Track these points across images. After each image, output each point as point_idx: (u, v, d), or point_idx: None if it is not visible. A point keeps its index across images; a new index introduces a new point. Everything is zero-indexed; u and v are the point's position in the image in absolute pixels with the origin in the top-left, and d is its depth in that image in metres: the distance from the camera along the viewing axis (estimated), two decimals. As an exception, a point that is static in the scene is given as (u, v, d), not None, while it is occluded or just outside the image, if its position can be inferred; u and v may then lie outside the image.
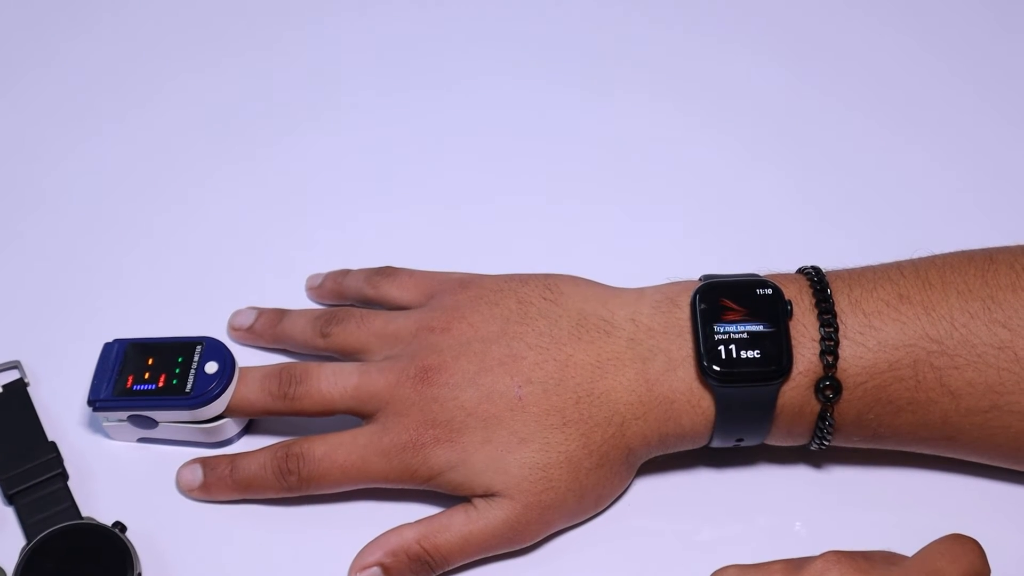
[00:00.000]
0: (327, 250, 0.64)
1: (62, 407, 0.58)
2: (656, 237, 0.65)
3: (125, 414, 0.55)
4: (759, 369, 0.49)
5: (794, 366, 0.50)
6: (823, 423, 0.50)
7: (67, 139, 0.70)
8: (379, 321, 0.55)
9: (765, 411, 0.50)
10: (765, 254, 0.57)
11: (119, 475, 0.56)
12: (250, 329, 0.59)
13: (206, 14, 0.77)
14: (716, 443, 0.52)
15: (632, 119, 0.71)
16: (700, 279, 0.53)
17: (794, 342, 0.50)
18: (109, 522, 0.52)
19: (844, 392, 0.50)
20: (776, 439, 0.52)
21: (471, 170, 0.68)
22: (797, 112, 0.71)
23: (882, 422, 0.50)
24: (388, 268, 0.60)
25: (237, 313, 0.60)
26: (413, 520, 0.52)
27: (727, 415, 0.50)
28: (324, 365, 0.54)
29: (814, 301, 0.51)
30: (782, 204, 0.66)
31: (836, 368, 0.49)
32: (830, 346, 0.49)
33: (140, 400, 0.54)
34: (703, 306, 0.51)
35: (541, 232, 0.65)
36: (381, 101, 0.72)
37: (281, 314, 0.59)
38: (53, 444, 0.55)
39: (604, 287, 0.55)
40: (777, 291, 0.51)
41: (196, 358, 0.55)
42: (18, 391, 0.57)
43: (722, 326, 0.50)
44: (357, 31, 0.76)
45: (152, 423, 0.55)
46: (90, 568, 0.51)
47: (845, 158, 0.68)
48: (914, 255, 0.53)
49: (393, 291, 0.58)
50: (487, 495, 0.51)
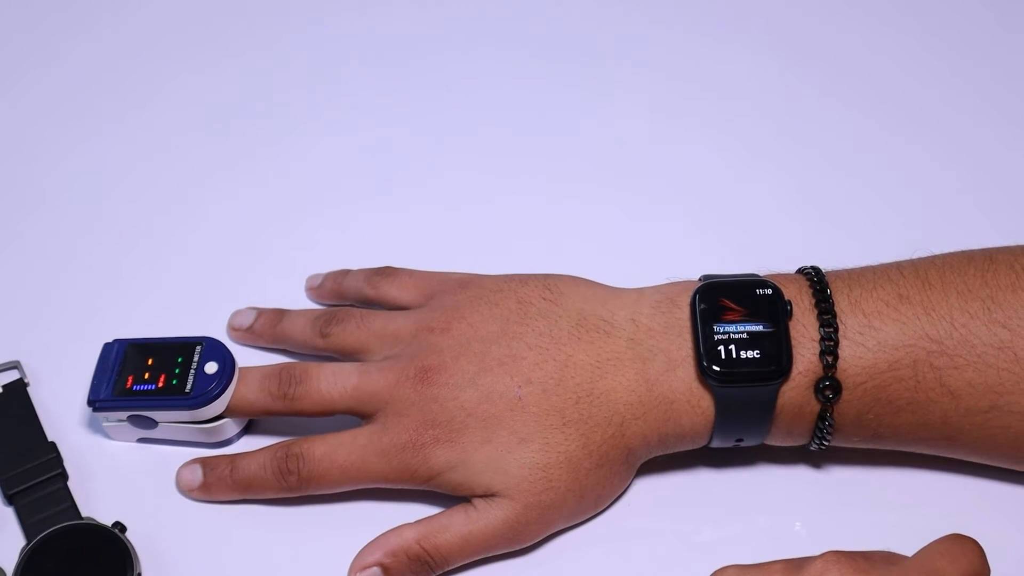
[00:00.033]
0: (327, 250, 0.64)
1: (62, 407, 0.58)
2: (656, 237, 0.65)
3: (125, 414, 0.55)
4: (759, 369, 0.49)
5: (794, 366, 0.50)
6: (823, 423, 0.50)
7: (67, 139, 0.70)
8: (379, 321, 0.55)
9: (765, 411, 0.50)
10: (765, 254, 0.57)
11: (119, 475, 0.56)
12: (250, 329, 0.59)
13: (206, 14, 0.77)
14: (716, 443, 0.52)
15: (632, 119, 0.71)
16: (700, 279, 0.53)
17: (794, 342, 0.50)
18: (109, 522, 0.52)
19: (844, 392, 0.50)
20: (776, 439, 0.52)
21: (471, 170, 0.68)
22: (797, 112, 0.71)
23: (882, 422, 0.50)
24: (388, 268, 0.60)
25: (237, 313, 0.60)
26: (413, 520, 0.52)
27: (727, 415, 0.50)
28: (324, 365, 0.54)
29: (814, 301, 0.51)
30: (782, 204, 0.66)
31: (836, 368, 0.49)
32: (830, 346, 0.49)
33: (140, 400, 0.54)
34: (703, 306, 0.51)
35: (541, 232, 0.65)
36: (381, 101, 0.72)
37: (281, 314, 0.59)
38: (53, 444, 0.55)
39: (604, 287, 0.55)
40: (777, 291, 0.51)
41: (196, 358, 0.55)
42: (18, 391, 0.57)
43: (722, 326, 0.50)
44: (357, 31, 0.76)
45: (152, 423, 0.55)
46: (90, 568, 0.51)
47: (845, 158, 0.68)
48: (914, 255, 0.53)
49: (393, 291, 0.58)
50: (487, 495, 0.51)
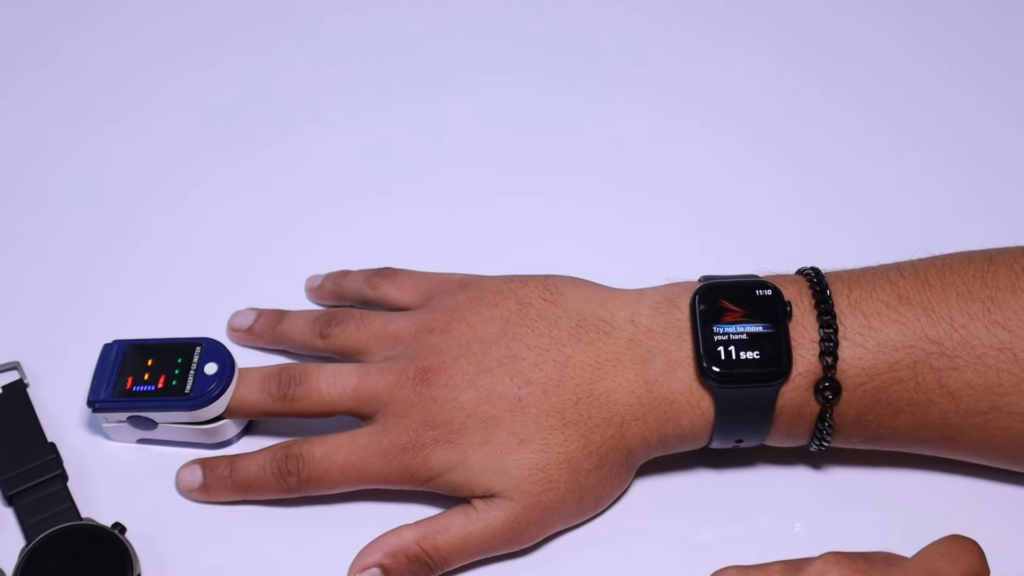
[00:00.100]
0: (327, 250, 0.64)
1: (62, 408, 0.58)
2: (656, 237, 0.65)
3: (125, 415, 0.55)
4: (758, 370, 0.49)
5: (793, 367, 0.50)
6: (822, 424, 0.50)
7: (67, 139, 0.70)
8: (378, 322, 0.55)
9: (764, 412, 0.50)
10: (765, 255, 0.57)
11: (119, 476, 0.56)
12: (249, 330, 0.59)
13: (206, 14, 0.77)
14: (716, 444, 0.52)
15: (632, 119, 0.71)
16: (699, 280, 0.53)
17: (793, 343, 0.50)
18: (109, 523, 0.52)
19: (843, 393, 0.49)
20: (775, 440, 0.52)
21: (471, 170, 0.68)
22: (797, 112, 0.71)
23: (881, 423, 0.50)
24: (387, 269, 0.60)
25: (236, 314, 0.60)
26: (413, 521, 0.52)
27: (726, 416, 0.50)
28: (324, 366, 0.54)
29: (813, 302, 0.51)
30: (782, 204, 0.66)
31: (835, 369, 0.49)
32: (829, 347, 0.49)
33: (139, 401, 0.54)
34: (702, 307, 0.51)
35: (541, 232, 0.65)
36: (381, 101, 0.72)
37: (280, 315, 0.59)
38: (53, 445, 0.55)
39: (603, 288, 0.55)
40: (776, 292, 0.51)
41: (195, 359, 0.55)
42: (18, 392, 0.57)
43: (721, 327, 0.50)
44: (357, 31, 0.76)
45: (152, 424, 0.55)
46: (90, 569, 0.51)
47: (845, 158, 0.68)
48: (914, 256, 0.53)
49: (392, 292, 0.58)
50: (486, 496, 0.51)
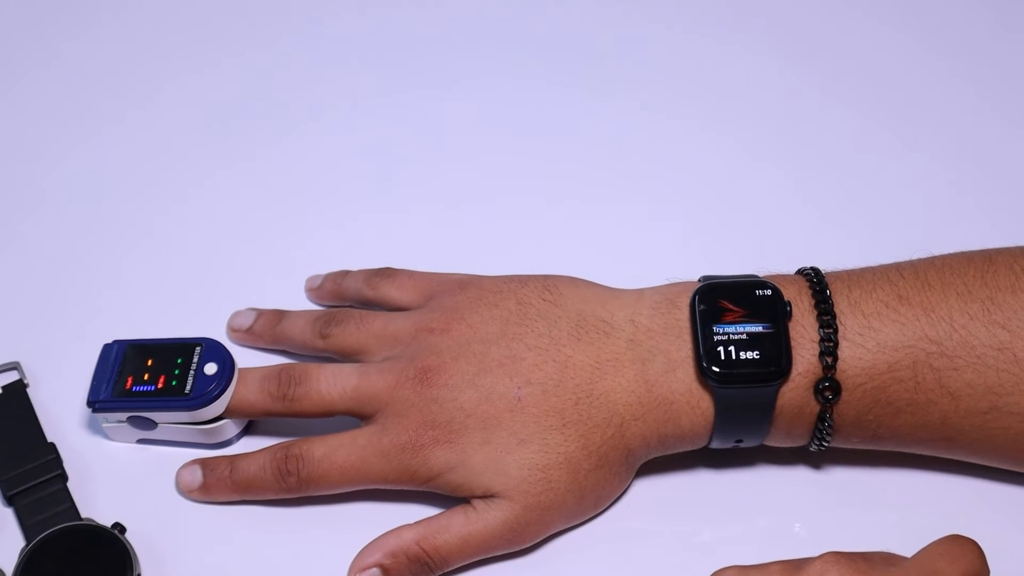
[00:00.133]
0: (327, 250, 0.64)
1: (61, 408, 0.58)
2: (656, 238, 0.65)
3: (124, 415, 0.55)
4: (758, 370, 0.49)
5: (793, 367, 0.49)
6: (822, 424, 0.50)
7: (67, 139, 0.70)
8: (378, 322, 0.55)
9: (764, 412, 0.50)
10: (764, 255, 0.57)
11: (118, 476, 0.56)
12: (249, 330, 0.59)
13: (206, 14, 0.77)
14: (715, 444, 0.52)
15: (632, 119, 0.71)
16: (699, 280, 0.53)
17: (793, 343, 0.50)
18: (108, 523, 0.52)
19: (843, 393, 0.49)
20: (775, 440, 0.52)
21: (471, 170, 0.68)
22: (797, 112, 0.71)
23: (881, 423, 0.50)
24: (387, 269, 0.60)
25: (236, 314, 0.60)
26: (412, 521, 0.52)
27: (726, 416, 0.50)
28: (323, 366, 0.54)
29: (813, 302, 0.51)
30: (782, 204, 0.66)
31: (835, 369, 0.49)
32: (829, 347, 0.49)
33: (139, 401, 0.54)
34: (702, 307, 0.51)
35: (541, 232, 0.65)
36: (381, 101, 0.72)
37: (280, 315, 0.59)
38: (52, 445, 0.55)
39: (603, 288, 0.55)
40: (776, 292, 0.51)
41: (195, 359, 0.55)
42: (18, 392, 0.57)
43: (721, 327, 0.50)
44: (357, 31, 0.76)
45: (151, 424, 0.55)
46: (89, 569, 0.51)
47: (845, 158, 0.68)
48: (914, 256, 0.53)
49: (392, 292, 0.58)
50: (486, 496, 0.51)
